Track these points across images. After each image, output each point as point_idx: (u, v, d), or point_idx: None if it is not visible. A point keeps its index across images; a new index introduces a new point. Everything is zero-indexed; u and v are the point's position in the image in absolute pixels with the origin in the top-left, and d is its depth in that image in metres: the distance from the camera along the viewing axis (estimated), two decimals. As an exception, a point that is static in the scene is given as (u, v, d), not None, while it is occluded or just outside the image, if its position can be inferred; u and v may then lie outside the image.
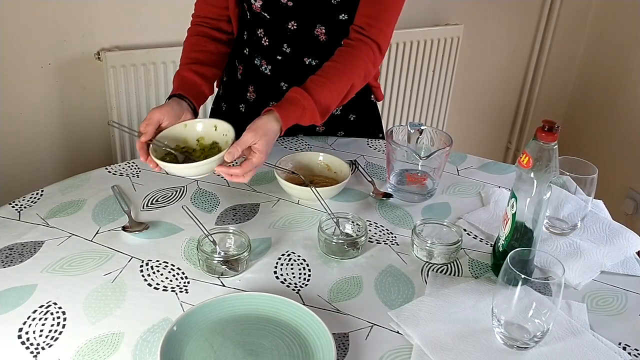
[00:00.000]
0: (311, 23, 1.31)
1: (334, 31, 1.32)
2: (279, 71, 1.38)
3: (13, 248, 1.02)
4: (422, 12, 2.47)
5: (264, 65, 1.39)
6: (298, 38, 1.33)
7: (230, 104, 1.49)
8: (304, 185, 1.16)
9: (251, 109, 1.44)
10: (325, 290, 0.97)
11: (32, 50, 1.86)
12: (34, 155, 1.97)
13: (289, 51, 1.35)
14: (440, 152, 1.18)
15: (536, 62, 2.85)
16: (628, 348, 0.88)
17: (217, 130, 1.14)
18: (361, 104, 1.47)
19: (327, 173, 1.26)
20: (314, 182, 1.21)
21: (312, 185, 1.15)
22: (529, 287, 0.84)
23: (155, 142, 1.10)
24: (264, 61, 1.38)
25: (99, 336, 0.85)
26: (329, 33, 1.32)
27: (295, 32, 1.32)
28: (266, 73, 1.39)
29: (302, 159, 1.27)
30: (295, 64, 1.36)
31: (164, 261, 1.01)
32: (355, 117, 1.49)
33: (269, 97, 1.42)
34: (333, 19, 1.30)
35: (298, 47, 1.35)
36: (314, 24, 1.31)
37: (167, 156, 1.10)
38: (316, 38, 1.33)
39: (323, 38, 1.33)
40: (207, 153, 1.12)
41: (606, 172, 1.78)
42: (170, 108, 1.14)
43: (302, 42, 1.34)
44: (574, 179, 1.10)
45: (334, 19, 1.30)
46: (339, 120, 1.48)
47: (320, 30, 1.32)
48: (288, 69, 1.38)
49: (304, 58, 1.36)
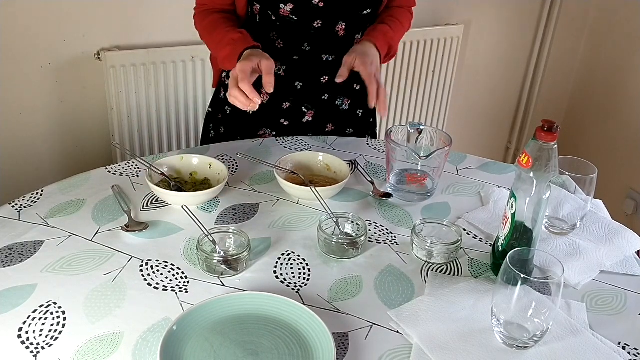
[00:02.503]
0: (335, 20, 1.34)
1: (354, 26, 1.36)
2: (293, 71, 1.39)
3: (13, 248, 1.02)
4: (422, 12, 2.46)
5: (277, 66, 1.39)
6: (319, 36, 1.35)
7: None
8: (303, 185, 1.16)
9: (261, 111, 1.41)
10: (325, 290, 0.97)
11: (32, 50, 1.86)
12: (34, 155, 1.97)
13: (308, 49, 1.37)
14: (440, 152, 1.19)
15: (536, 62, 2.85)
16: (627, 347, 0.88)
17: (211, 168, 1.21)
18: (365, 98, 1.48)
19: (326, 173, 1.26)
20: (314, 182, 1.21)
21: (312, 185, 1.15)
22: (529, 287, 0.84)
23: (152, 168, 1.18)
24: (277, 62, 1.38)
25: (98, 336, 0.85)
26: (348, 28, 1.36)
27: (318, 30, 1.34)
28: (280, 74, 1.39)
29: (301, 159, 1.27)
30: (313, 61, 1.39)
31: (163, 261, 1.01)
32: (363, 112, 1.51)
33: (282, 98, 1.42)
34: (357, 14, 1.34)
35: (318, 44, 1.37)
36: (337, 21, 1.34)
37: (161, 183, 1.18)
38: (336, 34, 1.36)
39: (342, 33, 1.36)
40: (198, 187, 1.19)
41: (606, 172, 1.78)
42: (260, 56, 1.18)
43: (322, 40, 1.36)
44: (573, 179, 1.10)
45: (358, 14, 1.34)
46: (347, 117, 1.49)
47: (341, 27, 1.35)
48: (304, 68, 1.40)
49: (322, 55, 1.38)
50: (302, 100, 1.46)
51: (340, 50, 1.34)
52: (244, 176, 1.27)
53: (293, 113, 1.47)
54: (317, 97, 1.46)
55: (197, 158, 1.23)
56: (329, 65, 1.38)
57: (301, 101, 1.46)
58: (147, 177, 1.14)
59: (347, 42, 1.37)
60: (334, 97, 1.48)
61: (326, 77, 1.42)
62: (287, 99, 1.44)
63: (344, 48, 1.33)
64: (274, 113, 1.46)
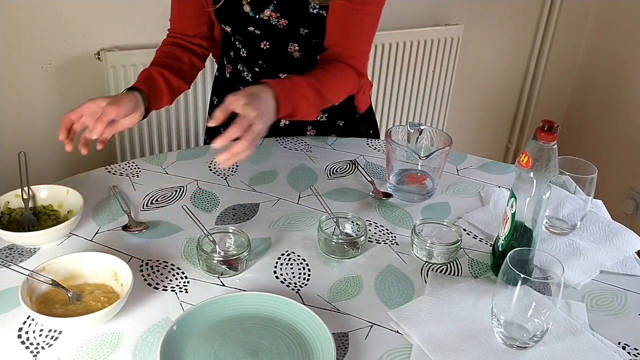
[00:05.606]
0: (283, 42, 1.31)
1: (308, 49, 1.31)
2: (258, 80, 1.38)
3: (13, 248, 1.02)
4: (422, 12, 2.47)
5: (246, 71, 1.39)
6: (272, 55, 1.33)
7: (221, 99, 1.48)
8: None
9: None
10: (325, 290, 0.97)
11: (32, 50, 1.86)
12: (34, 155, 1.96)
13: (265, 66, 1.35)
14: (439, 152, 1.19)
15: (536, 62, 2.85)
16: (627, 347, 0.88)
17: (68, 194, 1.10)
18: (348, 110, 1.46)
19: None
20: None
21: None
22: (529, 287, 0.84)
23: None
24: (245, 68, 1.39)
25: (98, 336, 0.85)
26: (303, 50, 1.32)
27: (268, 50, 1.32)
28: (248, 79, 1.39)
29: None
30: (271, 77, 1.35)
31: (164, 261, 1.01)
32: (344, 123, 1.48)
33: None
34: (304, 41, 1.30)
35: (273, 63, 1.34)
36: (286, 43, 1.31)
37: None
38: (290, 55, 1.32)
39: (297, 55, 1.32)
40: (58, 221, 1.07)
41: (606, 172, 1.78)
42: (128, 102, 1.09)
43: (276, 59, 1.33)
44: (573, 179, 1.10)
45: (306, 41, 1.30)
46: (328, 127, 1.47)
47: (294, 47, 1.31)
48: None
49: (279, 73, 1.35)
50: None
51: (298, 70, 1.22)
52: (244, 176, 1.27)
53: None
54: None
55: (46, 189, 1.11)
56: None
57: None
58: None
59: (306, 63, 1.29)
60: None
61: None
62: None
63: (303, 68, 1.23)
64: None
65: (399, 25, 2.37)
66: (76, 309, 0.87)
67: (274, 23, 1.25)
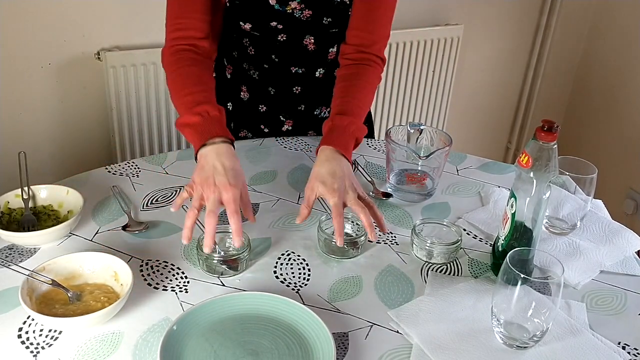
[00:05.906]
0: (301, 35, 1.31)
1: (323, 41, 1.32)
2: (266, 77, 1.38)
3: (13, 248, 1.02)
4: (422, 12, 2.47)
5: (252, 70, 1.39)
6: (287, 49, 1.33)
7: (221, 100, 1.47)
8: None
9: (243, 107, 1.44)
10: (325, 290, 0.97)
11: (32, 50, 1.86)
12: (34, 155, 1.96)
13: (277, 61, 1.35)
14: (439, 151, 1.19)
15: (536, 62, 2.85)
16: (627, 347, 0.88)
17: (68, 194, 1.10)
18: None
19: None
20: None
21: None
22: (529, 287, 0.84)
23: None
24: (251, 67, 1.38)
25: (98, 336, 0.85)
26: (318, 42, 1.32)
27: (284, 43, 1.31)
28: (254, 77, 1.39)
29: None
30: (283, 72, 1.36)
31: (164, 261, 1.01)
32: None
33: (260, 99, 1.42)
34: (323, 31, 1.30)
35: (286, 56, 1.34)
36: (303, 36, 1.31)
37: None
38: (305, 48, 1.32)
39: (312, 47, 1.32)
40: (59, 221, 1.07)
41: (606, 172, 1.78)
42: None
43: (290, 52, 1.33)
44: (573, 179, 1.10)
45: (325, 32, 1.30)
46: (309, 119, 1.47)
47: (309, 40, 1.31)
48: (275, 76, 1.38)
49: (291, 67, 1.35)
50: (278, 108, 1.44)
51: (311, 64, 1.24)
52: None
53: (271, 120, 1.46)
54: (292, 107, 1.44)
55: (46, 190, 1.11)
56: (299, 77, 1.33)
57: (277, 108, 1.44)
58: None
59: (319, 56, 1.30)
60: (312, 108, 1.45)
61: (298, 87, 1.40)
62: (263, 101, 1.43)
63: (316, 61, 1.25)
64: (252, 115, 1.45)
65: (399, 25, 2.36)
66: (76, 309, 0.87)
67: (297, 15, 1.25)
